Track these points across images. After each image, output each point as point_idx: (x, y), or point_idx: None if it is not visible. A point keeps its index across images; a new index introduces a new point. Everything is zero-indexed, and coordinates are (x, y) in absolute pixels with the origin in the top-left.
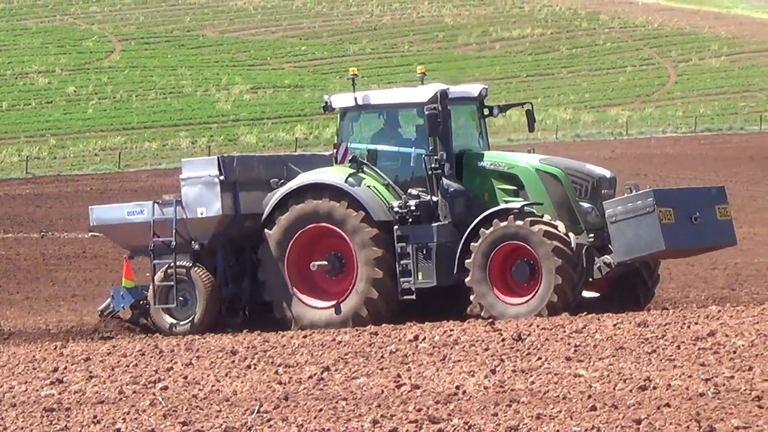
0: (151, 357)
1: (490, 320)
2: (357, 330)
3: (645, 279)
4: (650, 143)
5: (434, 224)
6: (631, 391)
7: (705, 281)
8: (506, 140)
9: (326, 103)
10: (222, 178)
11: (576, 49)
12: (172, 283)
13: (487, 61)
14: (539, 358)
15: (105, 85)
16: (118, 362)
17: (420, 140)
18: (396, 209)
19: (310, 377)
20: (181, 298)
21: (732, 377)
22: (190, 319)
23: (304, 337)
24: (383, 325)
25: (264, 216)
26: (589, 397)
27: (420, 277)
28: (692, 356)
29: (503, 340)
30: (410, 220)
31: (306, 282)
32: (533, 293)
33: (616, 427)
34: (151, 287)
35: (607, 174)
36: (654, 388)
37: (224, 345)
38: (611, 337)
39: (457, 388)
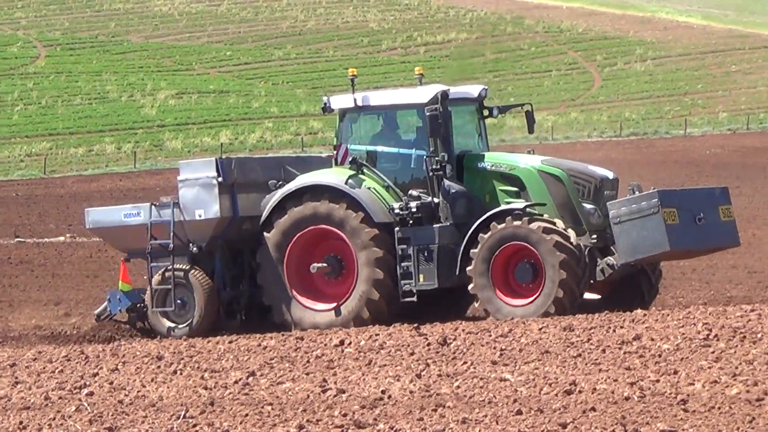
0: (77, 362)
1: (415, 325)
2: (283, 335)
3: (648, 275)
4: (576, 148)
5: (436, 226)
6: (556, 395)
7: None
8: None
9: (325, 104)
10: (220, 179)
11: (501, 54)
12: (170, 286)
13: (411, 66)
14: (465, 363)
15: (30, 90)
16: (44, 368)
17: (420, 141)
18: (397, 211)
19: (236, 382)
20: (179, 301)
21: (657, 381)
22: (189, 322)
23: (230, 342)
24: (309, 330)
25: (263, 218)
26: (515, 401)
27: (421, 279)
28: (618, 360)
29: (429, 344)
30: (411, 221)
31: (305, 285)
32: (539, 292)
33: (542, 431)
34: (148, 290)
35: (610, 175)
36: (579, 392)
37: (150, 350)
38: (537, 341)
39: (383, 392)
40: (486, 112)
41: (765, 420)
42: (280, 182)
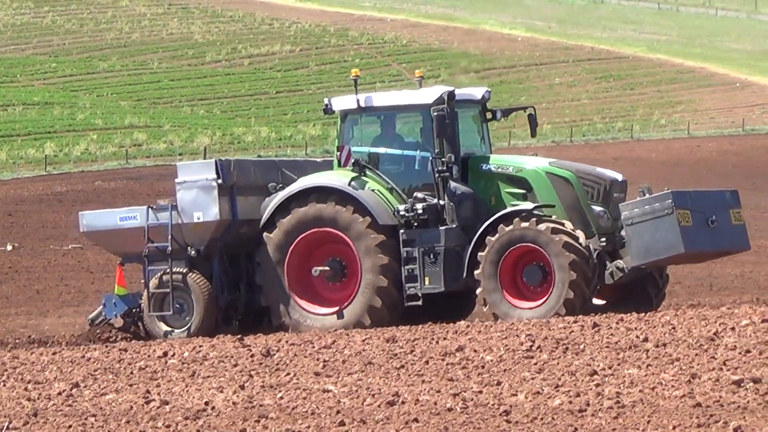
0: None
1: (239, 337)
2: (106, 346)
3: (656, 279)
4: None
5: (442, 228)
6: (379, 406)
7: None
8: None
9: (326, 105)
10: (220, 181)
11: (325, 65)
12: (167, 290)
13: (236, 78)
14: (288, 374)
15: None
16: None
17: (425, 143)
18: (402, 213)
19: (60, 393)
20: (177, 305)
21: (480, 392)
22: (187, 326)
23: (54, 354)
24: (132, 341)
25: (264, 218)
26: (338, 412)
27: (427, 282)
28: (441, 371)
29: (252, 355)
30: (416, 224)
31: (305, 287)
32: (548, 295)
33: None
34: (145, 294)
35: (619, 177)
36: (402, 403)
37: None
38: (360, 353)
39: (206, 404)
40: (489, 115)
41: (587, 430)
42: (280, 185)
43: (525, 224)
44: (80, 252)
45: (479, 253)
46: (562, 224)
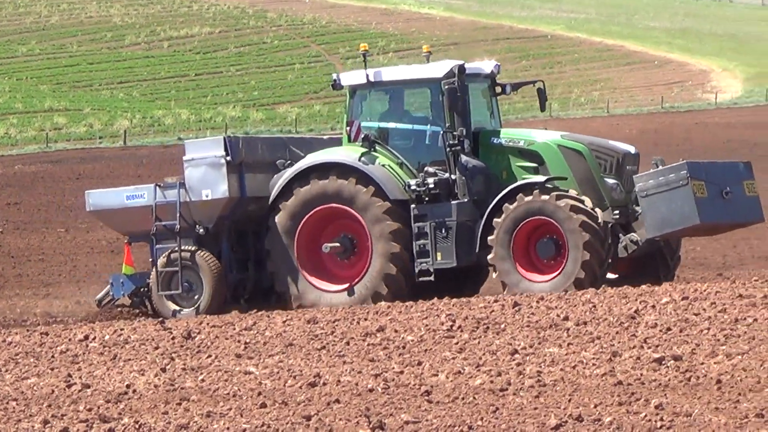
0: None
1: (160, 320)
2: (27, 330)
3: (666, 259)
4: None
5: (453, 202)
6: (300, 387)
7: None
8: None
9: (335, 80)
10: (229, 158)
11: (244, 47)
12: (176, 268)
13: (155, 61)
14: (209, 356)
15: None
16: None
17: (435, 118)
18: (414, 187)
19: None
20: (185, 283)
21: (401, 372)
22: (196, 305)
23: None
24: (53, 325)
25: (273, 196)
26: (260, 394)
27: (439, 258)
28: (362, 352)
29: (173, 338)
30: (427, 198)
31: (317, 267)
32: (559, 270)
33: (287, 423)
34: (153, 273)
35: (632, 150)
36: (324, 384)
37: None
38: (281, 334)
39: (128, 387)
40: (498, 89)
41: (508, 410)
42: (289, 161)
43: (545, 197)
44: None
45: (495, 220)
46: (582, 201)
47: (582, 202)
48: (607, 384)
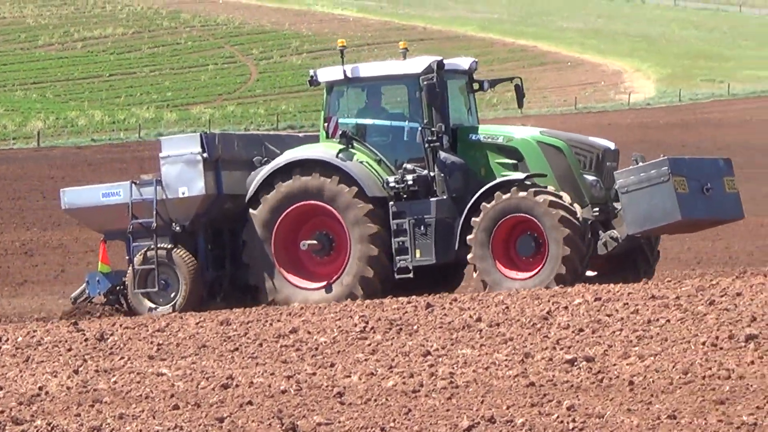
0: None
1: (73, 321)
2: None
3: (647, 255)
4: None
5: (432, 199)
6: (213, 389)
7: None
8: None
9: (312, 77)
10: (205, 155)
11: (158, 48)
12: (152, 266)
13: (69, 61)
14: (122, 358)
15: None
16: None
17: (413, 114)
18: (392, 184)
19: None
20: (162, 281)
21: (314, 374)
22: (172, 302)
23: None
24: None
25: (249, 193)
26: (172, 395)
27: (418, 255)
28: (275, 354)
29: (86, 340)
30: (405, 196)
31: (294, 263)
32: (540, 267)
33: (199, 425)
34: (129, 271)
35: (612, 146)
36: (236, 385)
37: None
38: (194, 336)
39: (40, 389)
40: (476, 86)
41: (420, 411)
42: (265, 158)
43: (522, 194)
44: None
45: (473, 219)
46: (560, 197)
47: (560, 197)
48: (520, 385)
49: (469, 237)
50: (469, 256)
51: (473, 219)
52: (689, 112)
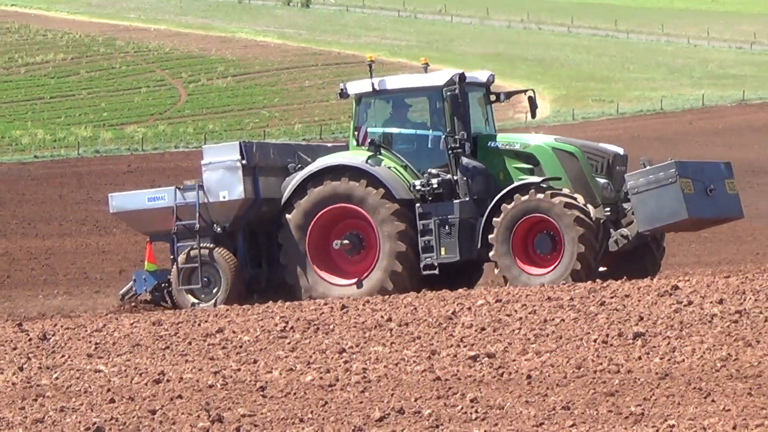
0: None
1: (18, 322)
2: None
3: (653, 251)
4: (164, 158)
5: (456, 201)
6: (146, 384)
7: None
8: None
9: (342, 89)
10: (244, 162)
11: (95, 72)
12: (196, 264)
13: (13, 85)
14: (63, 356)
15: None
16: None
17: (437, 123)
18: (418, 187)
19: None
20: (205, 278)
21: (239, 370)
22: (213, 299)
23: None
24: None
25: (285, 196)
26: (109, 390)
27: (443, 252)
28: (203, 351)
29: (30, 339)
30: (431, 198)
31: (327, 262)
32: (556, 263)
33: (133, 417)
34: (174, 269)
35: (621, 151)
36: (167, 381)
37: None
38: (128, 335)
39: None
40: (493, 97)
41: (336, 404)
42: (299, 165)
43: (540, 196)
44: None
45: (494, 219)
46: (575, 198)
47: (575, 199)
48: (427, 380)
49: (490, 236)
50: (491, 254)
51: (494, 219)
52: (581, 130)
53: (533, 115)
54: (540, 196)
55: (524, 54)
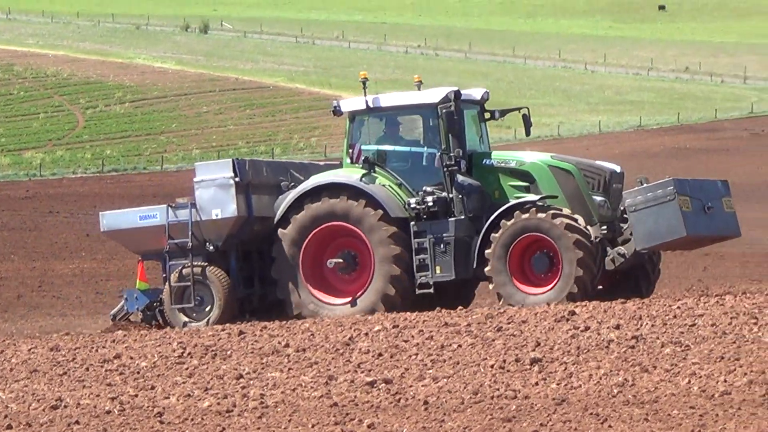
0: None
1: None
2: None
3: (648, 272)
4: (62, 183)
5: (451, 219)
6: (44, 410)
7: None
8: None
9: (335, 107)
10: (237, 179)
11: None
12: (188, 283)
13: None
14: None
15: None
16: None
17: (431, 140)
18: (414, 205)
19: None
20: (198, 298)
21: (136, 395)
22: (206, 318)
23: None
24: None
25: (279, 214)
26: (6, 416)
27: (438, 271)
28: (100, 377)
29: None
30: (425, 216)
31: (320, 280)
32: (553, 284)
33: None
34: (166, 288)
35: (618, 169)
36: (65, 406)
37: None
38: (26, 361)
39: None
40: (487, 115)
41: (234, 430)
42: (292, 183)
43: (541, 215)
44: None
45: (492, 235)
46: (576, 220)
47: (576, 220)
48: (324, 405)
49: (487, 251)
50: (486, 269)
51: (492, 235)
52: None
53: (527, 133)
54: (541, 215)
55: (422, 80)
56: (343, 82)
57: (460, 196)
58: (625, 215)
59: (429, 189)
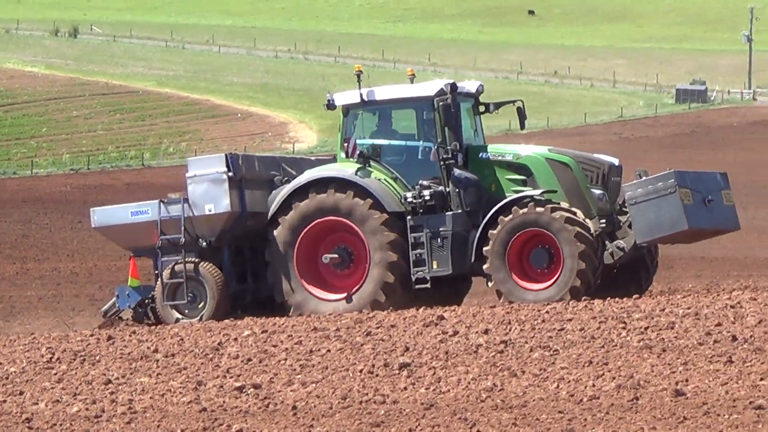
0: None
1: None
2: None
3: (647, 265)
4: None
5: (448, 213)
6: None
7: None
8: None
9: (329, 100)
10: (230, 174)
11: None
12: (181, 280)
13: None
14: None
15: None
16: None
17: (427, 134)
18: (410, 199)
19: None
20: (190, 294)
21: (4, 401)
22: (199, 315)
23: None
24: None
25: (272, 210)
26: None
27: (435, 266)
28: None
29: None
30: (422, 210)
31: (316, 278)
32: (554, 279)
33: None
34: (158, 285)
35: (616, 162)
36: None
37: None
38: None
39: None
40: (482, 108)
41: None
42: (285, 178)
43: (540, 209)
44: None
45: (490, 231)
46: (575, 213)
47: (575, 213)
48: (193, 411)
49: (485, 248)
50: (485, 266)
51: (490, 231)
52: None
53: (522, 126)
54: (540, 209)
55: (292, 84)
56: (213, 86)
57: (457, 190)
58: (623, 208)
59: (425, 183)
